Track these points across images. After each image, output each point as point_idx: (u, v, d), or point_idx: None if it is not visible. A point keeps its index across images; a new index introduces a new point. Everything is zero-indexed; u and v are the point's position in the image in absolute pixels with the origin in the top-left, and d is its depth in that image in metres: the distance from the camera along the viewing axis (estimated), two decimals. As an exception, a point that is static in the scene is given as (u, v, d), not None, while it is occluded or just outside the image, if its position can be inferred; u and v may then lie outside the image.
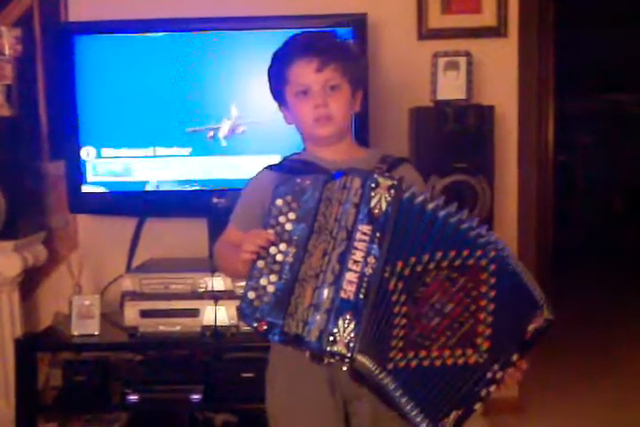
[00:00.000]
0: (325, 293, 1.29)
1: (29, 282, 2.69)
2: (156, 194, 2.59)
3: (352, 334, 1.27)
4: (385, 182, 1.34)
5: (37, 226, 2.69)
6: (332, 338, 1.27)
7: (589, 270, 5.58)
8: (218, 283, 2.38)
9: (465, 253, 1.36)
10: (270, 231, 1.37)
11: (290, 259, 1.35)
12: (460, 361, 1.34)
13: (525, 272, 1.42)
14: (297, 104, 1.56)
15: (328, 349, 1.27)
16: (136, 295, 2.38)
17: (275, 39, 2.56)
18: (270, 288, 1.34)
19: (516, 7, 2.76)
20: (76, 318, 2.43)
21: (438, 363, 1.32)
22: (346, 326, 1.27)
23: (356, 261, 1.30)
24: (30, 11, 2.75)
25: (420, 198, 1.36)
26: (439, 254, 1.34)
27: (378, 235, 1.31)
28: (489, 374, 1.36)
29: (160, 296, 2.38)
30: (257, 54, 2.52)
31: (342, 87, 1.55)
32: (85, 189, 2.60)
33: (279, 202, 1.40)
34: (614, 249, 6.36)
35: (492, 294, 1.37)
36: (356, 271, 1.29)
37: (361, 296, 1.28)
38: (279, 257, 1.35)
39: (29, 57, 2.70)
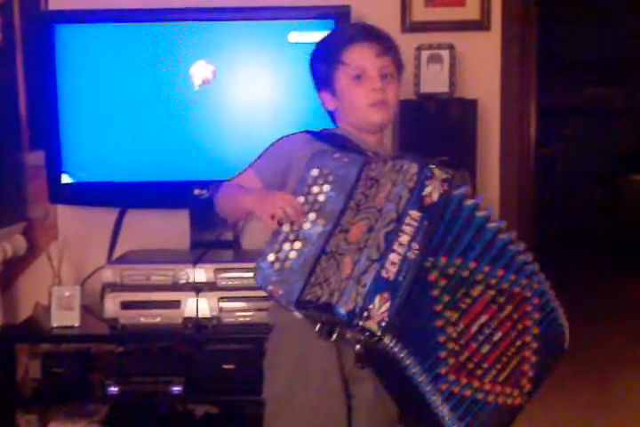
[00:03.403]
0: (367, 268, 1.27)
1: (9, 273, 2.66)
2: (138, 185, 2.57)
3: (385, 314, 1.25)
4: (440, 174, 1.33)
5: (17, 216, 2.67)
6: (366, 313, 1.24)
7: (572, 263, 5.63)
8: (199, 275, 2.37)
9: (512, 277, 1.36)
10: (301, 199, 1.37)
11: (319, 229, 1.34)
12: (509, 402, 1.35)
13: (560, 307, 1.44)
14: (351, 88, 1.55)
15: (360, 323, 1.25)
16: (117, 287, 2.36)
17: (258, 30, 2.57)
18: (293, 254, 1.34)
19: (499, 0, 2.76)
20: (55, 309, 2.42)
21: (491, 399, 1.33)
22: (381, 304, 1.25)
23: (401, 244, 1.28)
24: (10, -1, 2.72)
25: (471, 202, 1.36)
26: (486, 268, 1.34)
27: (425, 223, 1.30)
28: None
29: (141, 288, 2.36)
30: (239, 45, 2.52)
31: (393, 77, 1.57)
32: (65, 179, 2.57)
33: (315, 172, 1.39)
34: (596, 240, 6.42)
35: (536, 331, 1.38)
36: (399, 254, 1.27)
37: (401, 279, 1.27)
38: (307, 226, 1.35)
39: (9, 46, 2.67)
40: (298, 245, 1.35)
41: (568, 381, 3.09)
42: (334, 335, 1.30)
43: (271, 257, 1.36)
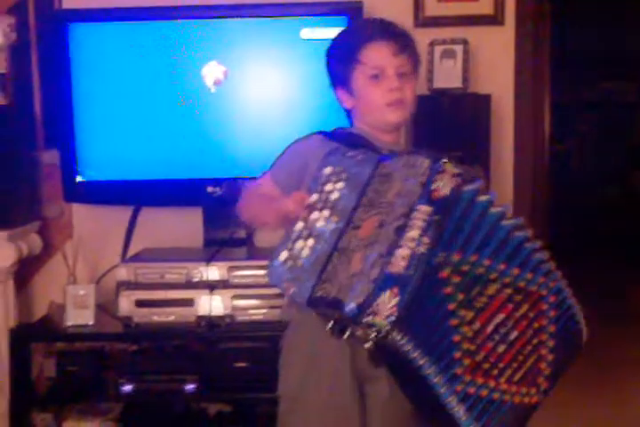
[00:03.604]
0: (376, 263, 1.26)
1: (24, 272, 2.67)
2: (151, 183, 2.58)
3: (394, 309, 1.23)
4: (452, 169, 1.32)
5: (32, 215, 2.68)
6: (372, 309, 1.23)
7: (585, 259, 5.59)
8: (213, 273, 2.37)
9: (528, 275, 1.34)
10: (314, 197, 1.37)
11: (331, 226, 1.33)
12: (526, 400, 1.33)
13: (577, 304, 1.42)
14: (368, 88, 1.54)
15: (367, 319, 1.23)
16: (131, 285, 2.37)
17: (270, 27, 2.57)
18: (305, 252, 1.33)
19: (513, -5, 2.74)
20: (70, 307, 2.42)
21: (507, 398, 1.31)
22: (389, 299, 1.23)
23: (410, 239, 1.26)
24: (24, -2, 2.73)
25: (485, 197, 1.34)
26: (502, 267, 1.32)
27: (436, 218, 1.28)
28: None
29: (155, 286, 2.37)
30: (252, 42, 2.51)
31: (411, 75, 1.56)
32: (80, 178, 2.58)
33: (328, 170, 1.39)
34: (609, 236, 6.38)
35: (552, 329, 1.36)
36: (409, 248, 1.26)
37: (410, 273, 1.25)
38: (320, 223, 1.34)
39: (23, 45, 2.68)
40: (310, 242, 1.34)
41: (576, 380, 3.07)
42: (347, 333, 1.29)
43: (284, 255, 1.35)
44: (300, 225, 1.36)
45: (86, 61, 2.54)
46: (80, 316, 2.42)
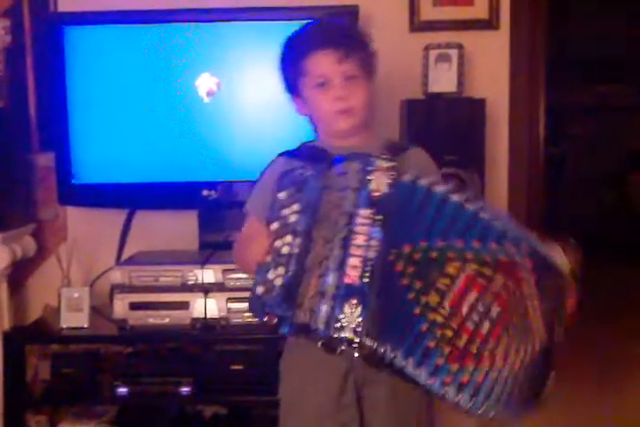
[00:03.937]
0: (330, 279, 1.27)
1: (18, 274, 2.67)
2: (146, 186, 2.58)
3: (359, 319, 1.23)
4: (383, 164, 1.32)
5: (26, 218, 2.68)
6: (338, 324, 1.24)
7: (584, 262, 5.59)
8: (207, 275, 2.37)
9: (493, 246, 1.28)
10: (275, 225, 1.36)
11: (296, 250, 1.32)
12: (528, 358, 1.28)
13: (555, 253, 1.37)
14: (315, 97, 1.53)
15: (335, 335, 1.24)
16: (125, 288, 2.37)
17: (266, 31, 2.57)
18: (278, 281, 1.32)
19: (508, -1, 2.75)
20: (65, 310, 2.42)
21: (507, 373, 1.26)
22: (352, 311, 1.24)
23: (358, 246, 1.27)
24: (19, 1, 2.72)
25: (425, 181, 1.32)
26: (459, 244, 1.28)
27: (379, 217, 1.28)
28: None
29: (149, 289, 2.37)
30: (247, 45, 2.52)
31: (360, 77, 1.54)
32: (75, 180, 2.58)
33: (282, 195, 1.38)
34: (606, 240, 6.38)
35: (535, 292, 1.31)
36: (359, 256, 1.26)
37: (365, 280, 1.25)
38: (285, 249, 1.33)
39: (19, 48, 2.68)
40: (281, 270, 1.32)
41: (577, 379, 3.08)
42: (338, 350, 1.28)
43: (259, 290, 1.34)
44: (268, 257, 1.35)
45: (81, 64, 2.54)
46: (74, 318, 2.42)
